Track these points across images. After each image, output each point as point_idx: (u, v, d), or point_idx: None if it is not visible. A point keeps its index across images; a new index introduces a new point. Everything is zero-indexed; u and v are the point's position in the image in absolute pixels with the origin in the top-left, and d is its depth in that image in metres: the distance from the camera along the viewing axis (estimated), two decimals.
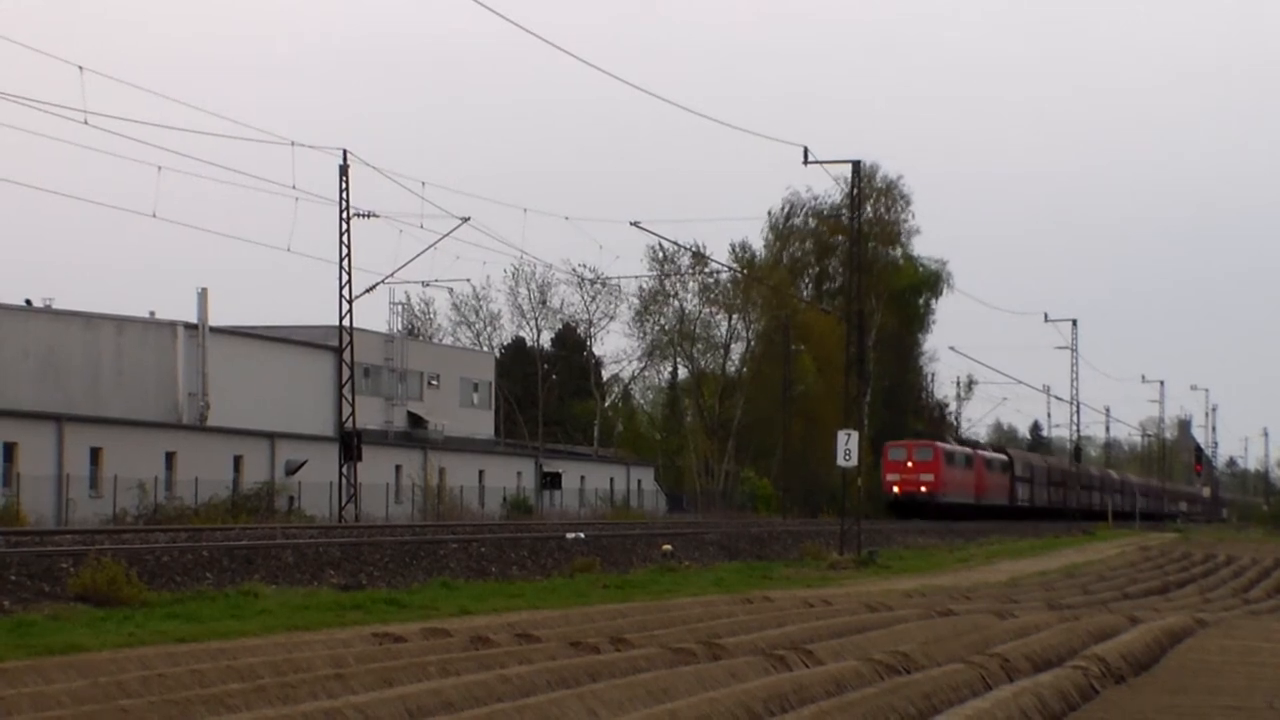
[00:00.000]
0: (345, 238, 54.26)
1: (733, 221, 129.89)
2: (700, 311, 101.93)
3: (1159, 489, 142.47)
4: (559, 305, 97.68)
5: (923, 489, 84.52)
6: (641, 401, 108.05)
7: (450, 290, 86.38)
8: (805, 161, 43.56)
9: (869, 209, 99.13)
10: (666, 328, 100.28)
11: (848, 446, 42.15)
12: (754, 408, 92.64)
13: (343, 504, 54.28)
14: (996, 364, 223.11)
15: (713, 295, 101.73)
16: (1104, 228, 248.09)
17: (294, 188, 48.55)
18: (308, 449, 64.22)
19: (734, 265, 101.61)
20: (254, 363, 68.40)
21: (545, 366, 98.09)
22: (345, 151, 54.00)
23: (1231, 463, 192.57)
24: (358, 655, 14.02)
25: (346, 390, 55.55)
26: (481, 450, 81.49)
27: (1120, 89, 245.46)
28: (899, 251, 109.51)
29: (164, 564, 23.83)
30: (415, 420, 79.65)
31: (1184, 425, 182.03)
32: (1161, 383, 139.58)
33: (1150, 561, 45.12)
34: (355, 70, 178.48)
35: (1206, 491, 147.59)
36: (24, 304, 68.04)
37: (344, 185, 54.06)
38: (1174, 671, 15.04)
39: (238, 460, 61.32)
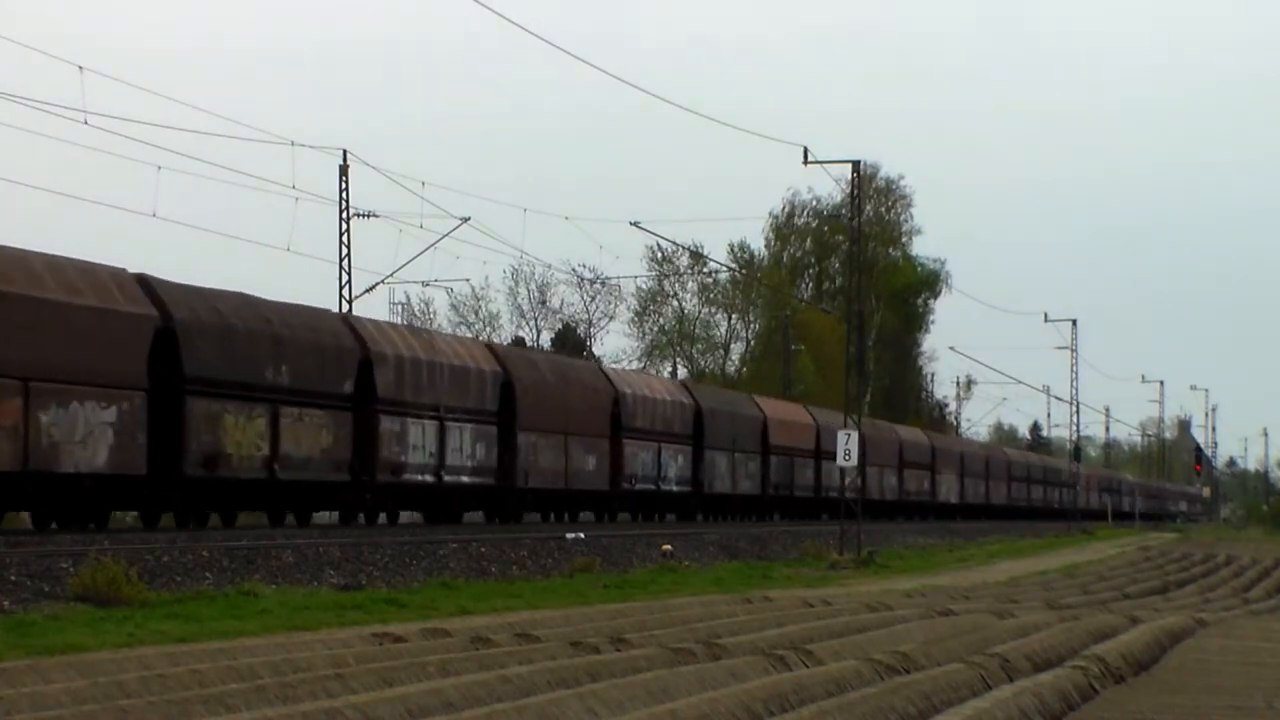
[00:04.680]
0: (345, 238, 54.28)
1: (733, 221, 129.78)
2: (700, 311, 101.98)
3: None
4: (559, 305, 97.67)
5: None
6: None
7: (450, 290, 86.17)
8: (805, 161, 43.52)
9: (869, 209, 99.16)
10: (666, 328, 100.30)
11: (848, 446, 42.15)
12: None
13: None
14: (996, 364, 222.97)
15: (712, 295, 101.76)
16: (1104, 228, 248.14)
17: (294, 188, 48.58)
18: None
19: (733, 265, 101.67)
20: None
21: None
22: (345, 151, 54.07)
23: (1231, 463, 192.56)
24: (358, 655, 14.02)
25: None
26: None
27: (1120, 90, 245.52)
28: (899, 252, 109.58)
29: (164, 564, 23.82)
30: None
31: (1184, 425, 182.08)
32: (1161, 383, 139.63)
33: (1150, 561, 45.13)
34: (355, 70, 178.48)
35: (1206, 491, 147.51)
36: None
37: (344, 185, 54.08)
38: (1174, 671, 15.04)
39: None
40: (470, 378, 43.01)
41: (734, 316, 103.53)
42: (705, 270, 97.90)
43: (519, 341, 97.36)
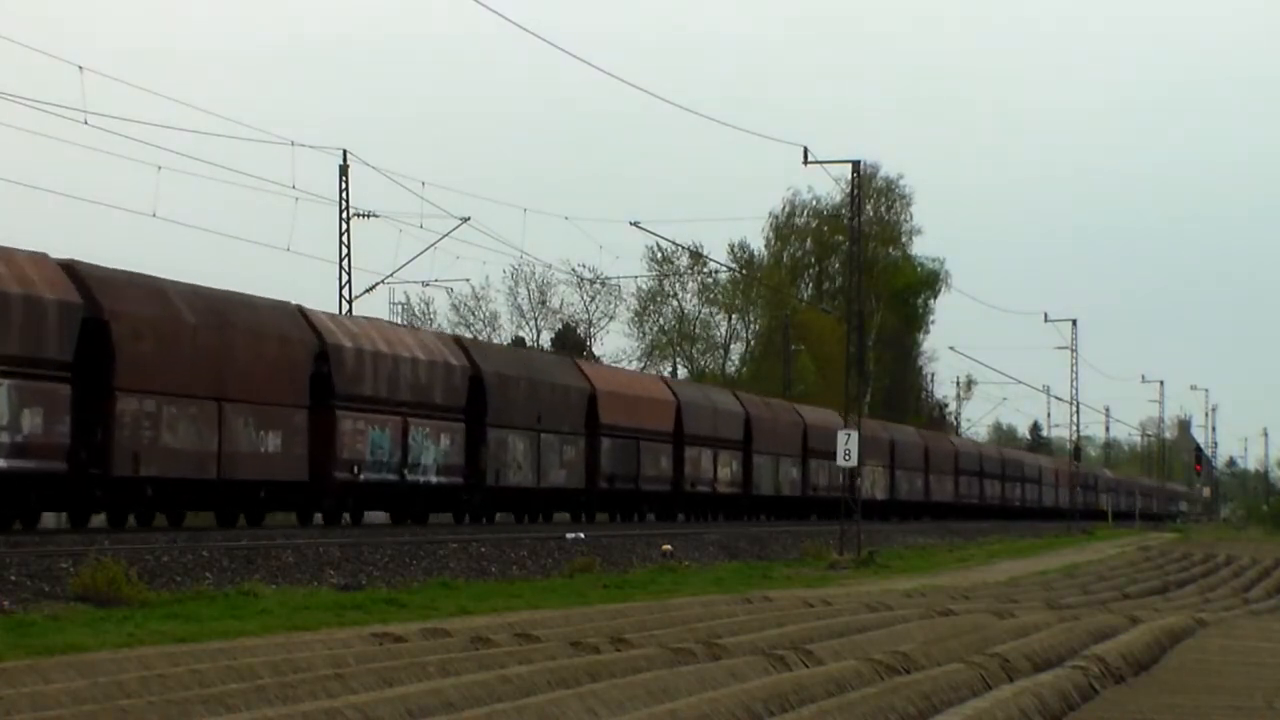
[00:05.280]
0: (345, 238, 54.30)
1: (733, 221, 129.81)
2: (700, 311, 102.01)
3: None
4: (559, 305, 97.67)
5: None
6: None
7: (450, 290, 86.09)
8: (805, 161, 43.51)
9: (869, 209, 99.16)
10: (666, 328, 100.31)
11: (848, 446, 42.16)
12: None
13: None
14: (996, 364, 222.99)
15: (712, 295, 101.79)
16: (1104, 228, 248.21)
17: (294, 188, 48.54)
18: None
19: (733, 265, 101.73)
20: None
21: None
22: (345, 151, 54.11)
23: (1231, 463, 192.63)
24: (358, 655, 14.03)
25: None
26: None
27: (1120, 90, 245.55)
28: (899, 251, 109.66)
29: (164, 564, 23.84)
30: None
31: (1184, 425, 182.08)
32: (1161, 383, 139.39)
33: (1150, 561, 45.13)
34: (355, 70, 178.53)
35: (1207, 492, 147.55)
36: None
37: (344, 185, 54.10)
38: (1174, 671, 15.04)
39: None
40: (10, 310, 29.24)
41: (734, 316, 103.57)
42: (705, 270, 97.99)
43: (519, 342, 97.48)
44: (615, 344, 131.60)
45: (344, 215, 54.10)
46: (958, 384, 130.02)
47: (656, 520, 53.77)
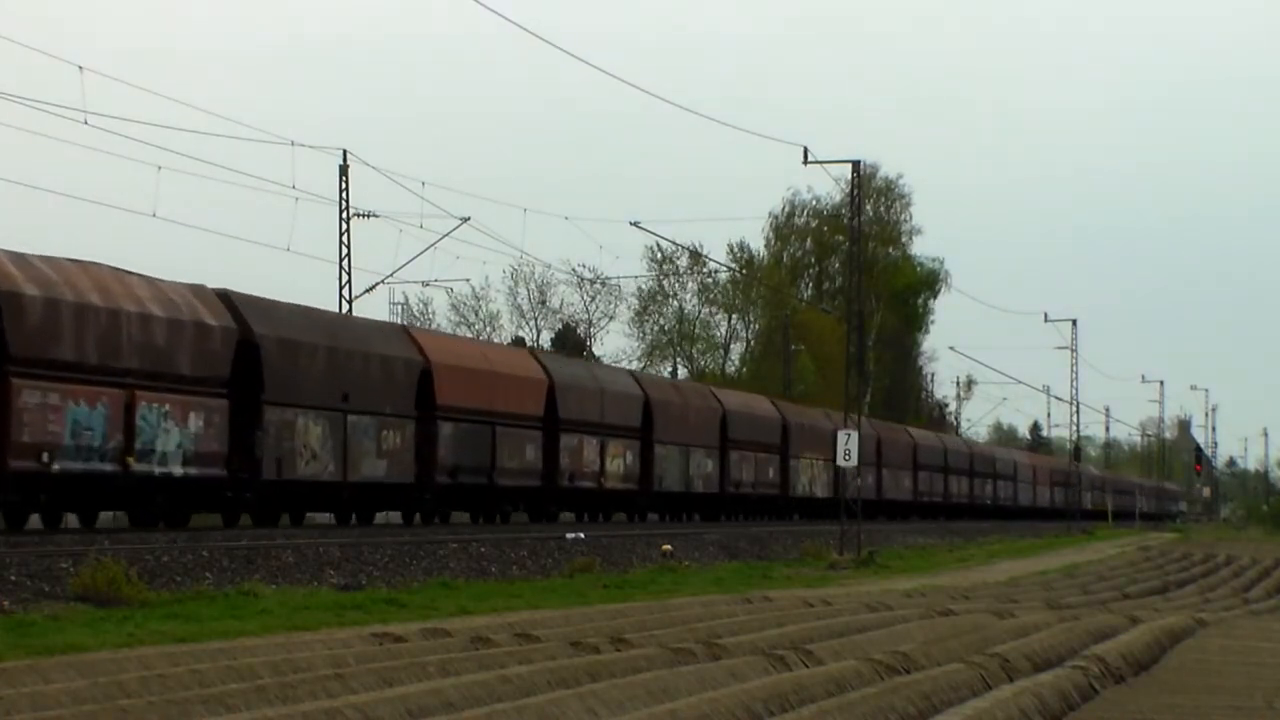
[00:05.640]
0: (345, 238, 54.31)
1: (733, 221, 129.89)
2: (700, 311, 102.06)
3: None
4: (559, 305, 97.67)
5: None
6: None
7: (450, 290, 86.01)
8: (805, 161, 43.53)
9: (869, 209, 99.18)
10: (666, 328, 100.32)
11: (847, 446, 42.15)
12: None
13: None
14: (996, 364, 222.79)
15: (712, 295, 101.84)
16: (1104, 228, 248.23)
17: (294, 188, 48.52)
18: None
19: (733, 265, 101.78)
20: None
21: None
22: (345, 151, 54.13)
23: (1231, 463, 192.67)
24: (358, 655, 14.03)
25: None
26: None
27: (1120, 89, 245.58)
28: (899, 251, 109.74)
29: (164, 564, 23.84)
30: None
31: (1184, 425, 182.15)
32: (1161, 383, 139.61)
33: (1150, 561, 45.14)
34: (355, 70, 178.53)
35: (1207, 491, 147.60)
36: None
37: (344, 185, 54.11)
38: (1174, 671, 15.04)
39: None
40: None
41: (734, 316, 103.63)
42: (705, 270, 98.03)
43: (519, 341, 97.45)
44: (615, 344, 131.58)
45: (344, 215, 54.13)
46: (958, 384, 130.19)
47: (530, 521, 46.29)
